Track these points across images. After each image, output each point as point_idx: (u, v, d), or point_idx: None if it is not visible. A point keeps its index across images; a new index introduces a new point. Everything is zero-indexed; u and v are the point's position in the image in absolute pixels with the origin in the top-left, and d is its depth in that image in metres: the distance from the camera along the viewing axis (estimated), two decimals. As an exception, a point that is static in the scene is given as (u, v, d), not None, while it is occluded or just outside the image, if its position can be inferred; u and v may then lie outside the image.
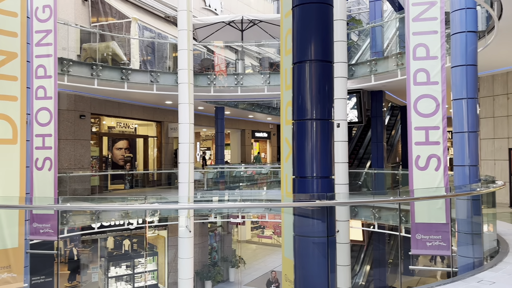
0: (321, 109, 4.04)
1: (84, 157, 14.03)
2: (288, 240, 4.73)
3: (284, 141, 4.87)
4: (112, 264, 14.55)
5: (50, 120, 8.68)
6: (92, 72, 10.92)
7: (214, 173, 16.48)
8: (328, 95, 4.08)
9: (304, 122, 4.08)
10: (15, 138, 5.51)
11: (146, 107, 16.82)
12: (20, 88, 5.60)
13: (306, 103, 4.06)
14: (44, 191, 8.67)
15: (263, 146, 28.05)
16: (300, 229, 4.06)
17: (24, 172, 5.61)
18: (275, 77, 12.17)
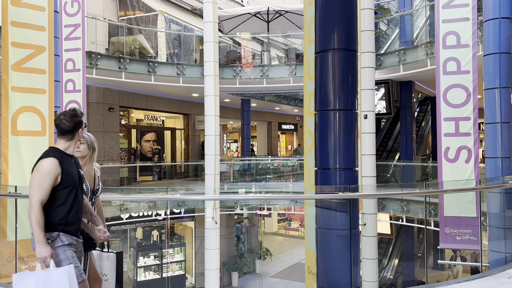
0: (345, 99, 3.95)
1: (113, 149, 14.32)
2: (311, 232, 4.68)
3: (307, 132, 4.80)
4: (141, 254, 14.85)
5: (79, 112, 8.88)
6: (120, 65, 11.09)
7: (240, 165, 16.52)
8: (352, 85, 3.99)
9: (327, 113, 4.00)
10: (43, 130, 5.65)
11: (173, 100, 16.98)
12: (48, 81, 5.72)
13: (329, 94, 3.98)
14: (74, 182, 8.90)
15: (289, 138, 27.93)
16: (323, 222, 4.00)
17: (53, 163, 5.74)
18: (301, 68, 12.02)
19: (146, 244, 16.26)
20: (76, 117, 2.96)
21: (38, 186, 2.76)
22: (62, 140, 2.99)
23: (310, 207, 4.59)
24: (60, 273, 2.74)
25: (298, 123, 26.80)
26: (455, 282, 4.03)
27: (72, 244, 2.90)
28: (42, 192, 2.76)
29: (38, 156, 3.00)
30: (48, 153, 2.93)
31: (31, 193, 2.76)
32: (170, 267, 15.00)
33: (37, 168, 2.84)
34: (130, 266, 15.13)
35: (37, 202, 2.73)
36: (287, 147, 27.66)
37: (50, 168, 2.81)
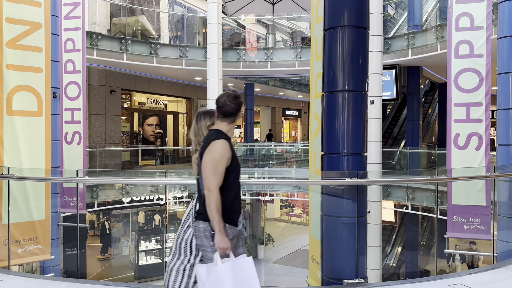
0: (354, 80, 3.73)
1: (115, 132, 14.15)
2: (316, 219, 4.50)
3: (313, 115, 4.59)
4: (143, 239, 14.78)
5: (79, 94, 8.68)
6: (121, 46, 10.84)
7: (243, 150, 16.33)
8: (362, 65, 3.76)
9: (335, 94, 3.78)
10: (40, 110, 5.46)
11: (175, 83, 16.74)
12: (45, 60, 5.51)
13: (337, 74, 3.75)
14: (74, 165, 8.75)
15: (293, 125, 27.68)
16: (329, 209, 3.81)
17: (49, 145, 5.57)
18: (306, 51, 11.74)
19: (148, 228, 16.19)
20: (238, 99, 2.80)
21: (214, 170, 2.57)
22: (223, 123, 2.77)
23: (315, 194, 4.40)
24: (249, 262, 2.63)
25: (302, 109, 26.51)
26: (466, 273, 3.85)
27: (233, 238, 2.70)
28: (219, 176, 2.58)
29: (34, 137, 2.78)
30: (217, 135, 2.71)
31: (208, 178, 2.57)
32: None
33: (210, 151, 2.63)
34: (132, 250, 15.08)
35: (216, 187, 2.56)
36: (290, 133, 27.43)
37: (224, 150, 2.62)
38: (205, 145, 2.68)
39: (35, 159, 5.41)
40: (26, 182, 5.21)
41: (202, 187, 2.68)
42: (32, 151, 5.37)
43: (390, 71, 12.59)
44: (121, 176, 11.46)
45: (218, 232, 2.54)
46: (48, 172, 5.41)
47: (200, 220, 2.67)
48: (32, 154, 5.38)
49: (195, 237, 2.73)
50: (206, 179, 2.59)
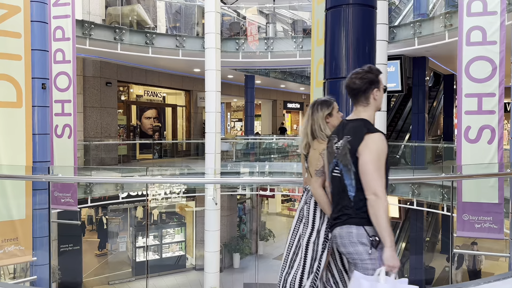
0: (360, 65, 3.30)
1: (111, 125, 13.76)
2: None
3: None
4: (140, 234, 14.46)
5: (69, 85, 8.28)
6: (115, 36, 10.41)
7: (243, 144, 15.94)
8: (369, 48, 3.34)
9: (338, 81, 3.37)
10: (19, 101, 5.07)
11: (174, 75, 16.31)
12: (24, 46, 5.12)
13: (341, 58, 3.34)
14: (65, 159, 8.37)
15: (295, 118, 27.25)
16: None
17: (30, 138, 5.19)
18: (308, 41, 11.28)
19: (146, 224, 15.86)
20: (370, 73, 2.38)
21: (378, 170, 2.17)
22: (360, 108, 2.37)
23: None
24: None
25: (304, 101, 26.05)
26: (484, 282, 3.45)
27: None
28: (383, 177, 2.19)
29: (14, 130, 2.38)
30: (368, 126, 2.29)
31: (372, 181, 2.16)
32: (170, 247, 14.61)
33: (368, 148, 2.20)
34: (129, 246, 14.77)
35: (383, 191, 2.16)
36: (292, 127, 26.99)
37: (384, 145, 2.22)
38: (356, 140, 2.25)
39: (14, 154, 5.03)
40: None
41: (350, 188, 2.27)
42: (10, 145, 4.99)
43: (394, 62, 12.13)
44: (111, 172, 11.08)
45: (390, 247, 2.13)
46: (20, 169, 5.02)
47: (352, 225, 2.26)
48: (11, 149, 5.00)
49: (341, 244, 2.32)
50: (369, 183, 2.18)
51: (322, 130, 2.60)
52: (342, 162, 2.31)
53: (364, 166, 2.19)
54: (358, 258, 2.25)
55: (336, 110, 2.69)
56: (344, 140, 2.30)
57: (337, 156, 2.34)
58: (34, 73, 7.99)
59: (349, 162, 2.26)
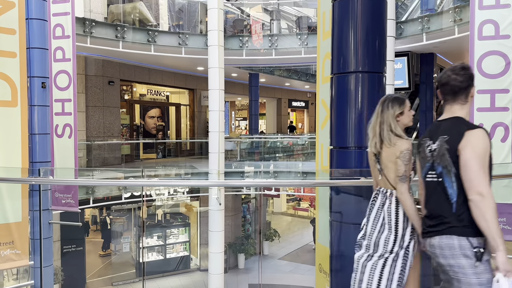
0: (370, 58, 3.10)
1: (114, 125, 13.60)
2: (324, 223, 3.90)
3: (320, 103, 3.97)
4: (144, 235, 14.30)
5: (69, 84, 8.12)
6: (117, 33, 10.23)
7: (248, 143, 15.74)
8: (380, 40, 3.12)
9: (346, 77, 3.15)
10: (14, 100, 4.88)
11: (177, 74, 16.13)
12: (19, 43, 4.92)
13: (349, 51, 3.12)
14: (65, 159, 8.22)
15: (300, 116, 27.00)
16: (339, 214, 3.20)
17: (26, 138, 5.01)
18: (313, 38, 11.05)
19: (150, 224, 15.71)
20: (467, 69, 2.22)
21: (482, 167, 2.02)
22: (456, 106, 2.23)
23: (323, 194, 3.78)
24: None
25: (309, 100, 25.81)
26: None
27: None
28: (487, 175, 2.05)
29: (9, 130, 2.19)
30: (467, 124, 2.16)
31: (476, 179, 2.01)
32: (174, 247, 14.45)
33: (471, 144, 2.06)
34: (133, 246, 14.62)
35: (490, 190, 2.00)
36: (297, 125, 26.75)
37: (487, 142, 2.09)
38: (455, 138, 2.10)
39: (9, 155, 4.85)
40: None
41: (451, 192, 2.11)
42: (5, 145, 4.81)
43: (402, 59, 11.87)
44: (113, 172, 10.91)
45: (503, 250, 1.95)
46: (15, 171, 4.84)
47: (453, 235, 2.09)
48: (6, 149, 4.82)
49: (441, 255, 2.14)
50: (473, 181, 2.02)
51: (392, 130, 2.42)
52: (441, 164, 2.16)
53: (467, 163, 2.04)
54: (461, 272, 2.07)
55: (408, 108, 2.49)
56: (440, 140, 2.16)
57: (433, 159, 2.20)
58: (34, 72, 7.87)
59: (448, 163, 2.12)
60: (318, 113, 3.98)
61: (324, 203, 3.82)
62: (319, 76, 3.99)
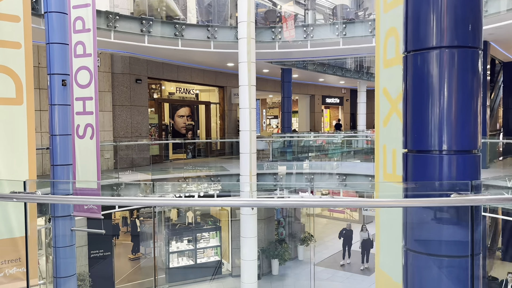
0: (462, 28, 2.25)
1: (142, 124, 13.09)
2: (387, 247, 3.06)
3: (380, 94, 3.13)
4: (174, 239, 13.75)
5: (90, 81, 7.56)
6: (142, 28, 9.65)
7: (280, 142, 14.94)
8: (473, 3, 2.26)
9: (425, 55, 2.31)
10: (19, 97, 4.28)
11: (206, 71, 15.51)
12: (24, 32, 4.31)
13: (430, 19, 2.28)
14: (87, 161, 7.68)
15: (334, 113, 25.94)
16: (417, 241, 2.35)
17: (33, 140, 4.40)
18: (352, 28, 10.13)
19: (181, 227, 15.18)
20: None
21: None
22: None
23: (386, 213, 2.94)
24: None
25: (344, 96, 24.74)
26: None
27: None
28: None
29: (13, 133, 1.60)
30: None
31: None
32: (205, 252, 13.82)
33: None
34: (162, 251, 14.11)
35: None
36: (331, 123, 25.72)
37: None
38: None
39: (14, 159, 4.26)
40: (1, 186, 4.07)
41: None
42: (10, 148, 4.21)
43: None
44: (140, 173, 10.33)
45: None
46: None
47: None
48: (11, 155, 4.22)
49: None
50: None
51: None
52: None
53: None
54: None
55: None
56: None
57: None
58: (54, 69, 7.35)
59: None
60: (378, 106, 3.14)
61: (388, 224, 2.98)
62: (378, 59, 3.15)
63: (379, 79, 3.16)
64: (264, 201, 2.76)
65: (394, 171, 2.93)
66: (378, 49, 3.19)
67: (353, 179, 10.66)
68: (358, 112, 21.02)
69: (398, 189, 2.65)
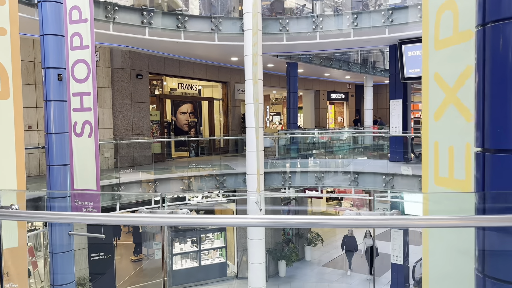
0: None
1: (143, 121, 12.59)
2: (442, 269, 2.55)
3: (430, 81, 2.62)
4: (177, 240, 13.28)
5: (88, 75, 7.05)
6: (143, 19, 9.13)
7: (286, 139, 14.43)
8: None
9: (509, 26, 1.79)
10: (5, 90, 3.77)
11: (209, 66, 14.99)
12: (10, 16, 3.80)
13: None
14: (86, 161, 7.19)
15: (339, 109, 25.41)
16: (500, 266, 1.85)
17: (21, 139, 3.90)
18: (364, 17, 9.59)
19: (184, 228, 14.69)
20: None
21: None
22: None
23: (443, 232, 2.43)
24: None
25: (349, 91, 24.21)
26: None
27: None
28: None
29: None
30: None
31: None
32: (209, 253, 13.35)
33: None
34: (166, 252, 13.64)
35: None
36: (336, 119, 25.20)
37: None
38: None
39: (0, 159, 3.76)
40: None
41: None
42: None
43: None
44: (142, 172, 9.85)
45: None
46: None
47: None
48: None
49: None
50: None
51: None
52: None
53: None
54: None
55: None
56: None
57: None
58: (49, 62, 6.83)
59: None
60: (427, 96, 2.63)
61: (445, 241, 2.47)
62: (427, 40, 2.64)
63: (427, 64, 2.65)
64: (282, 219, 2.25)
65: (451, 174, 2.42)
66: (426, 28, 2.67)
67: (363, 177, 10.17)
68: (365, 108, 20.50)
69: (462, 199, 2.14)
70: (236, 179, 10.44)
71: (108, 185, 9.09)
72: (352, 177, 9.99)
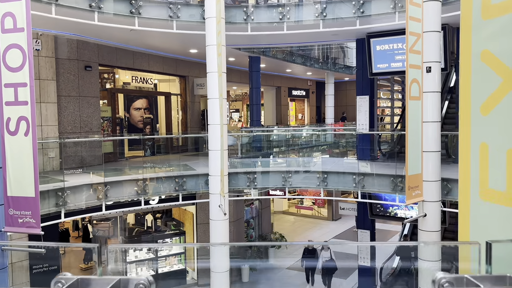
0: None
1: (93, 118, 11.47)
2: None
3: (475, 61, 1.97)
4: (132, 247, 12.27)
5: (24, 62, 6.01)
6: (91, 2, 8.08)
7: (250, 137, 13.74)
8: None
9: None
10: None
11: (166, 58, 14.01)
12: None
13: None
14: (22, 163, 6.16)
15: (300, 106, 25.03)
16: None
17: None
18: (334, 7, 9.04)
19: (139, 231, 13.69)
20: None
21: None
22: None
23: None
24: None
25: (310, 88, 23.85)
26: None
27: None
28: None
29: None
30: None
31: None
32: (167, 260, 12.43)
33: None
34: (119, 258, 12.58)
35: None
36: (297, 116, 24.80)
37: None
38: None
39: None
40: None
41: None
42: None
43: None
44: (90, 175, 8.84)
45: None
46: None
47: None
48: None
49: None
50: None
51: None
52: None
53: None
54: None
55: None
56: None
57: None
58: (-25, 48, 5.80)
59: None
60: (469, 82, 1.99)
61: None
62: (470, 9, 1.99)
63: (469, 40, 2.00)
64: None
65: (510, 187, 1.78)
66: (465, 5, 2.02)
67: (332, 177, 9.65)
68: (326, 105, 20.16)
69: None
70: (197, 181, 9.62)
71: (52, 189, 8.01)
72: (321, 177, 9.43)
